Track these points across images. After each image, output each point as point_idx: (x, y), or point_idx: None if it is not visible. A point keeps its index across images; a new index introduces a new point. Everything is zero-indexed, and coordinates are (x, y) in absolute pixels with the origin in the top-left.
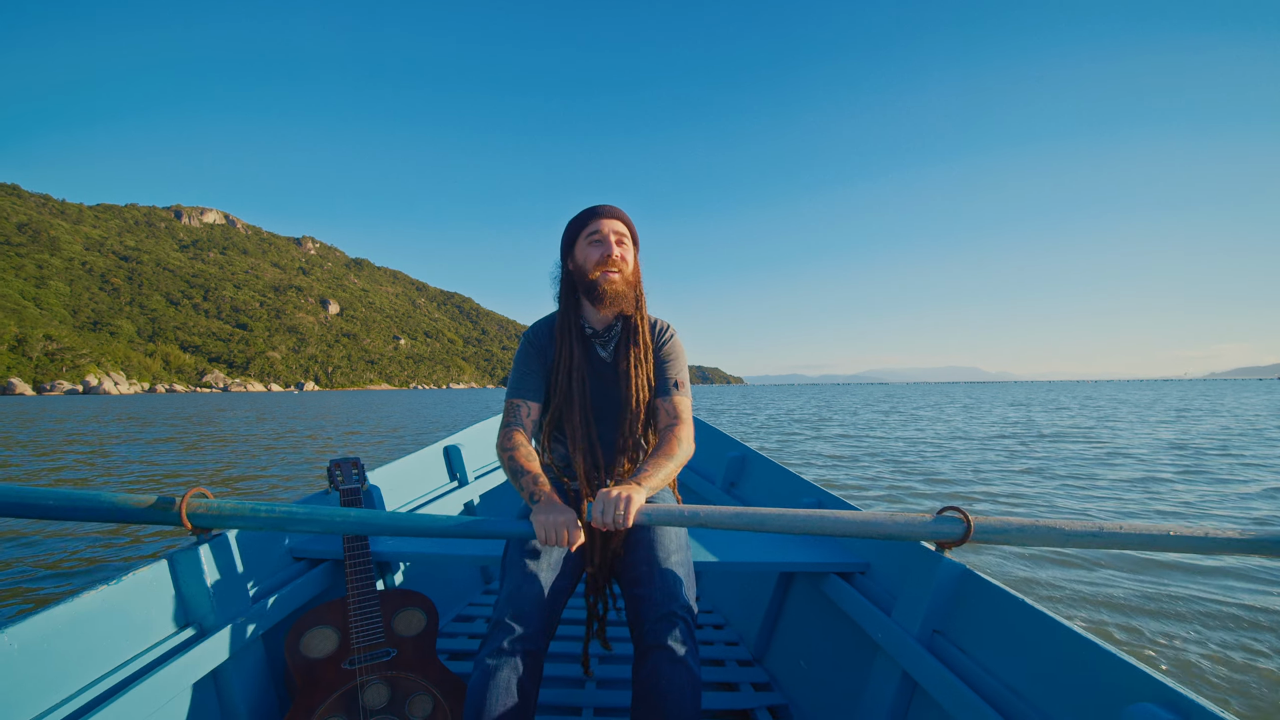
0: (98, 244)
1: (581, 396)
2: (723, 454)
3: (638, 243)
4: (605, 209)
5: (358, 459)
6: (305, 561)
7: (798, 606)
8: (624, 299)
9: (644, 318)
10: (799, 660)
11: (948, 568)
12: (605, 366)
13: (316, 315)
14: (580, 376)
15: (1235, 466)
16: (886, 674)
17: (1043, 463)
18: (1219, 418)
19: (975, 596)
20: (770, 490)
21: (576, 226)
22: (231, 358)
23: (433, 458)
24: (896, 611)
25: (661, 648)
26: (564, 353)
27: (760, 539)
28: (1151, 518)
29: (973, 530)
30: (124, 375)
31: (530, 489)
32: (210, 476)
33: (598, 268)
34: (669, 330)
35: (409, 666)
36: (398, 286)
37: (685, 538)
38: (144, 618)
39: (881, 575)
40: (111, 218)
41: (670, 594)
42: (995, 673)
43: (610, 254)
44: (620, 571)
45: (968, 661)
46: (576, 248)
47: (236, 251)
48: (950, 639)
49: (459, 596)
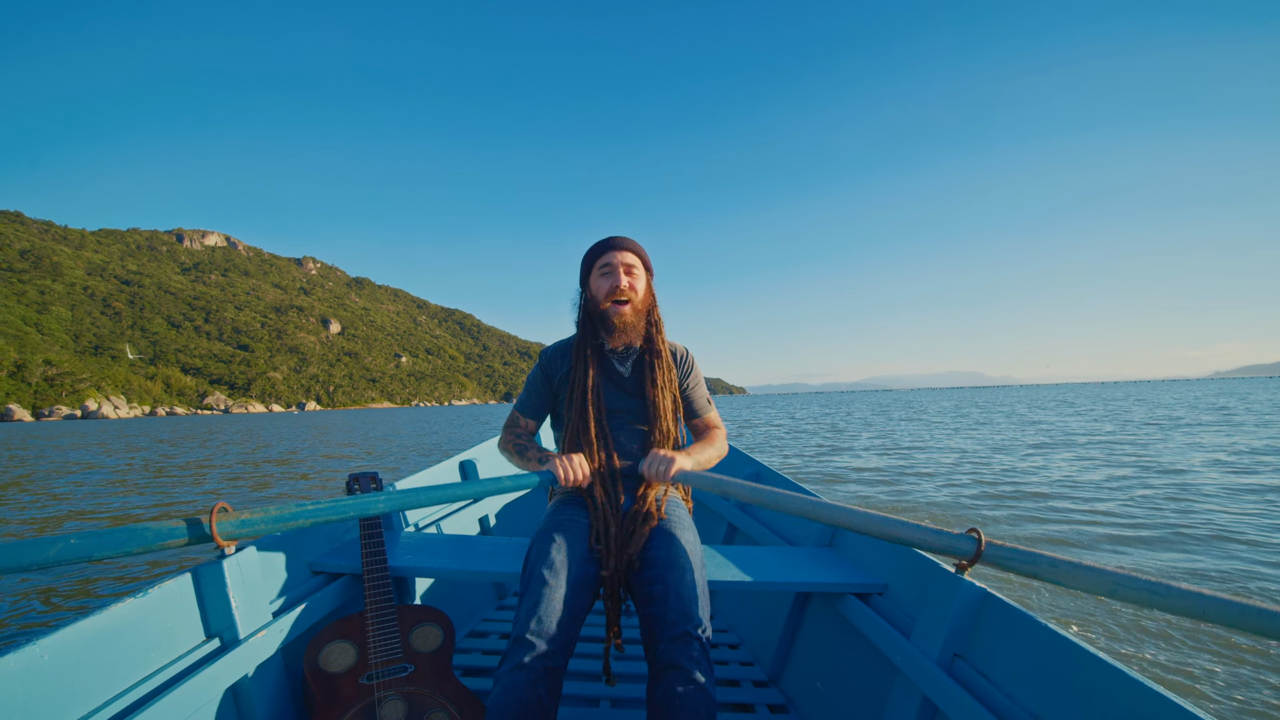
0: (100, 269)
1: (597, 411)
2: (739, 471)
3: (650, 270)
4: (616, 241)
5: (375, 473)
6: (324, 575)
7: (814, 627)
8: (633, 329)
9: (664, 341)
10: (815, 682)
11: (968, 590)
12: (624, 380)
13: (318, 335)
14: (597, 395)
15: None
16: (906, 698)
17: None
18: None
19: (997, 620)
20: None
21: (591, 257)
22: (233, 379)
23: (448, 472)
24: (916, 634)
25: (676, 668)
26: (579, 374)
27: (777, 558)
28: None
29: (983, 547)
30: (124, 399)
31: (536, 455)
32: (225, 495)
33: (607, 299)
34: (688, 355)
35: (426, 683)
36: (399, 305)
37: (700, 556)
38: (169, 630)
39: (900, 597)
40: (114, 242)
41: (685, 614)
42: (1018, 699)
43: (618, 284)
44: (635, 590)
45: (989, 687)
46: (591, 279)
47: (238, 273)
48: (971, 663)
49: (473, 612)
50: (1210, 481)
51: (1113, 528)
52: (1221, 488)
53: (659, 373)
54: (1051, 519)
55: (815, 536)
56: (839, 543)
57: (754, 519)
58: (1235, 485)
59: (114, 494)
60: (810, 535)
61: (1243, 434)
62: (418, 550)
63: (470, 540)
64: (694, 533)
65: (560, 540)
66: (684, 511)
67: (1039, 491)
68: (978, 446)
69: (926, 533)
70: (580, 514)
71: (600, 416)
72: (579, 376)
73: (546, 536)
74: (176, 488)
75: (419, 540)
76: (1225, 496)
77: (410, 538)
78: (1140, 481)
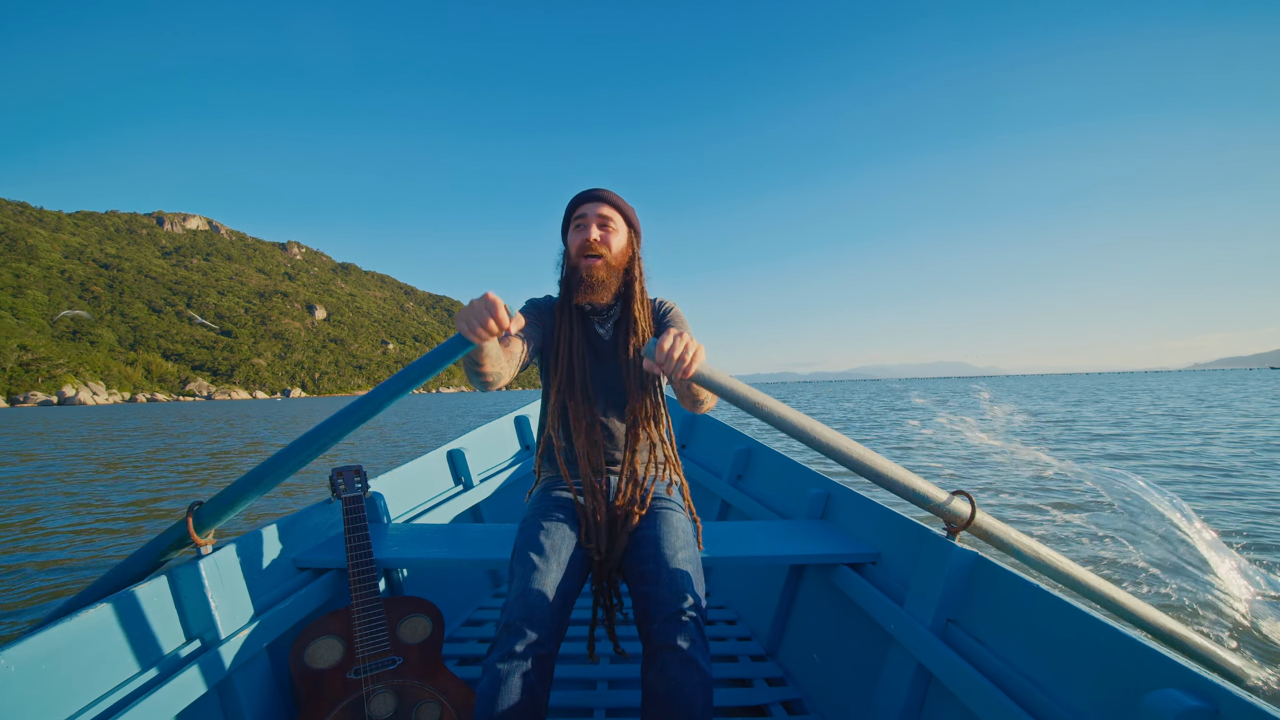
0: (77, 252)
1: (583, 374)
2: (730, 447)
3: (634, 225)
4: (592, 192)
5: (359, 466)
6: (309, 571)
7: (809, 599)
8: (603, 287)
9: (644, 301)
10: (812, 654)
11: (959, 556)
12: (604, 345)
13: (303, 321)
14: (580, 354)
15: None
16: (901, 665)
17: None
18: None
19: (989, 584)
20: (779, 482)
21: (568, 211)
22: (216, 365)
23: (436, 462)
24: (909, 602)
25: (670, 648)
26: (563, 331)
27: (770, 532)
28: None
29: (975, 516)
30: (103, 385)
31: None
32: (203, 488)
33: (579, 253)
34: (670, 304)
35: (415, 674)
36: (386, 291)
37: (692, 533)
38: (147, 633)
39: (893, 565)
40: (91, 225)
41: (679, 592)
42: (1011, 661)
43: (588, 237)
44: (627, 569)
45: (983, 650)
46: (568, 233)
47: (220, 258)
48: (965, 628)
49: (468, 600)
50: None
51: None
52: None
53: (633, 336)
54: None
55: (808, 509)
56: (831, 514)
57: (746, 494)
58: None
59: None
60: (803, 508)
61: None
62: (405, 541)
63: (461, 529)
64: (685, 509)
65: (547, 525)
66: (675, 488)
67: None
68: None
69: (924, 493)
70: (568, 497)
71: (586, 379)
72: (564, 333)
73: (534, 522)
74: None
75: (407, 531)
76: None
77: (398, 529)
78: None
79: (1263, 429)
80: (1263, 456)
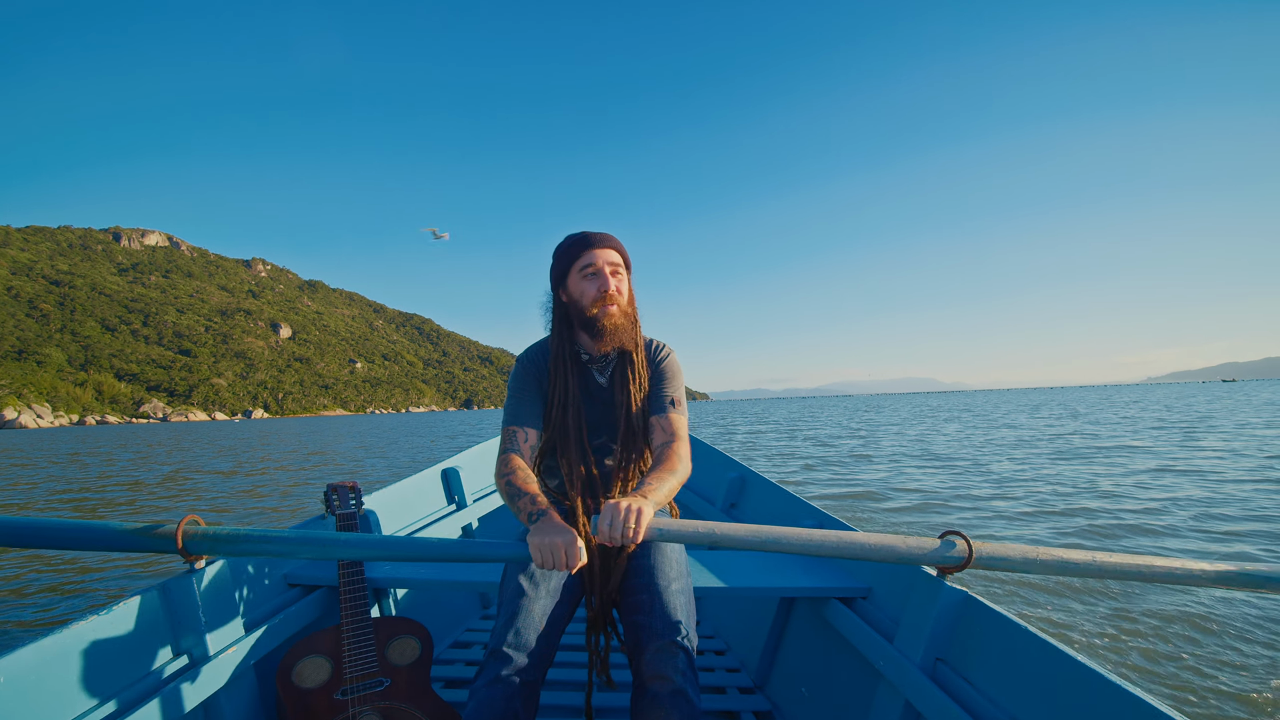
0: (25, 268)
1: (577, 430)
2: (723, 475)
3: (631, 268)
4: (596, 238)
5: (355, 482)
6: (300, 588)
7: (799, 632)
8: (623, 331)
9: (640, 345)
10: (800, 687)
11: (949, 594)
12: (602, 392)
13: (266, 340)
14: (576, 409)
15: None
16: (889, 703)
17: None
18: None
19: (979, 624)
20: (771, 511)
21: (568, 257)
22: (173, 386)
23: (430, 481)
24: (899, 639)
25: (661, 678)
26: (559, 385)
27: (761, 562)
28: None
29: (973, 556)
30: (49, 407)
31: (528, 509)
32: (199, 501)
33: (595, 304)
34: (665, 349)
35: (402, 697)
36: (354, 309)
37: (685, 563)
38: (134, 648)
39: (884, 600)
40: (42, 240)
41: (670, 623)
42: (1000, 704)
43: (607, 289)
44: (619, 598)
45: (972, 692)
46: (570, 281)
47: (180, 275)
48: (954, 667)
49: (456, 622)
50: None
51: None
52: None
53: (631, 381)
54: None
55: None
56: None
57: (738, 522)
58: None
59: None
60: None
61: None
62: (397, 560)
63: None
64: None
65: None
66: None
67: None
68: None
69: (919, 551)
70: (562, 516)
71: (581, 434)
72: (559, 387)
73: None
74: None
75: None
76: None
77: None
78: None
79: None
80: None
